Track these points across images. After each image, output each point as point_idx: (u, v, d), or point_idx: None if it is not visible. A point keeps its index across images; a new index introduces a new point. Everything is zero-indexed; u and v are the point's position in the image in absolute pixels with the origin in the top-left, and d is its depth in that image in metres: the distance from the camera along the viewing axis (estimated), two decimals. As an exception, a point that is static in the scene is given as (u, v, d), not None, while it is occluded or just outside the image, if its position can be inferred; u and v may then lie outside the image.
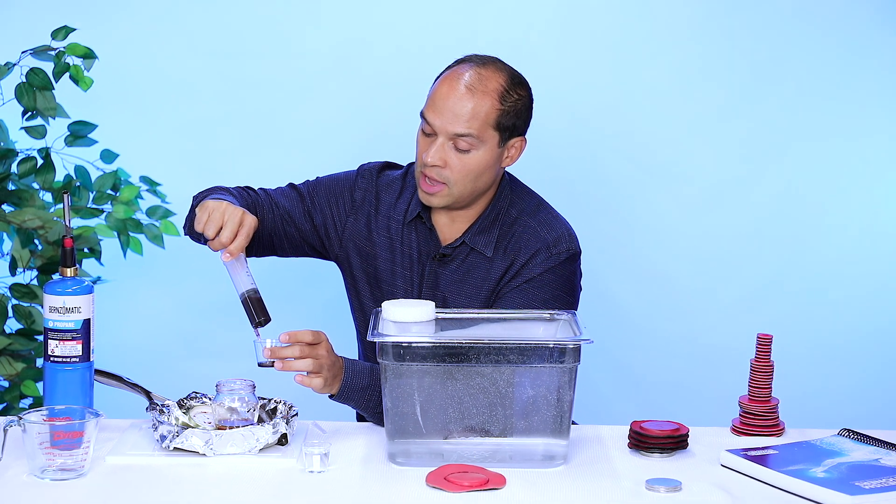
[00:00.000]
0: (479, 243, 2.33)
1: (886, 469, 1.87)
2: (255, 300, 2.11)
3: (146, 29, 3.35)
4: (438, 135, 2.26)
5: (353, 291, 2.45)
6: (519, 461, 1.90)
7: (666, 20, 3.38)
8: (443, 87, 2.27)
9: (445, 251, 2.35)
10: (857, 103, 3.40)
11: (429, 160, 2.26)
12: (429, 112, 2.28)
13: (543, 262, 2.30)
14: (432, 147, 2.26)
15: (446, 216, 2.37)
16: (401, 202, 2.41)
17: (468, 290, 2.34)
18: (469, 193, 2.31)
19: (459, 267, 2.35)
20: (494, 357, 1.88)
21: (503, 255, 2.33)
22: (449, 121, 2.24)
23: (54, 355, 1.95)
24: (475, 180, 2.29)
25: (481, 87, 2.25)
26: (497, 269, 2.33)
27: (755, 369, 2.11)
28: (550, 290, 2.30)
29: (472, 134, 2.24)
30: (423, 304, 2.04)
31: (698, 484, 1.86)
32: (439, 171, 2.27)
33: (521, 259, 2.31)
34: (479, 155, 2.27)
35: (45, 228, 2.93)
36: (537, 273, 2.30)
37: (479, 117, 2.24)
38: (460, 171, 2.27)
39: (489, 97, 2.25)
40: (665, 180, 3.43)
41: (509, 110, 2.28)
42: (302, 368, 2.06)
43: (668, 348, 3.47)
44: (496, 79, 2.27)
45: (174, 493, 1.80)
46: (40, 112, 2.93)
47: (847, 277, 3.45)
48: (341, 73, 3.38)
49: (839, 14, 3.37)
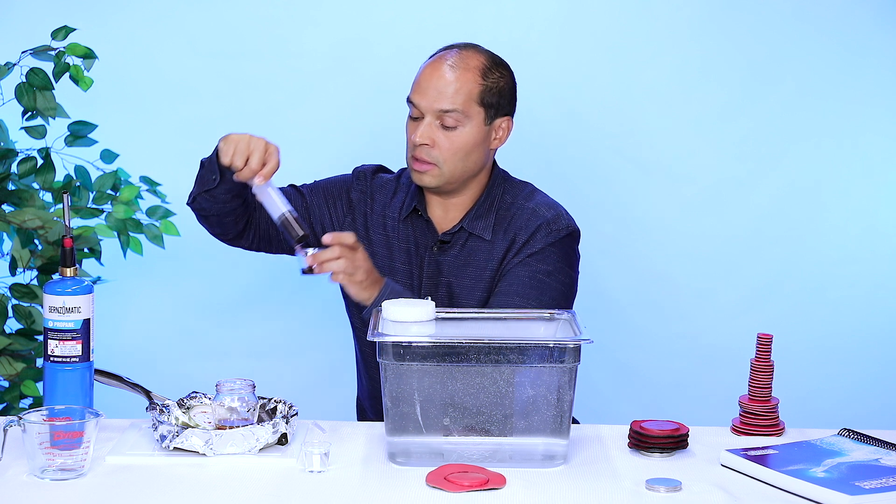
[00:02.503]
0: (477, 228, 2.40)
1: (886, 469, 1.87)
2: (293, 219, 2.21)
3: (146, 29, 3.35)
4: (425, 115, 2.35)
5: None
6: (519, 461, 1.90)
7: (666, 20, 3.38)
8: (426, 69, 2.38)
9: (444, 238, 2.40)
10: (856, 103, 3.40)
11: (417, 139, 2.34)
12: (414, 95, 2.37)
13: (544, 238, 2.37)
14: (420, 127, 2.35)
15: (440, 207, 2.43)
16: (395, 201, 2.46)
17: (471, 273, 2.39)
18: (460, 173, 2.37)
19: (460, 252, 2.40)
20: (494, 357, 1.88)
21: (503, 235, 2.39)
22: (434, 98, 2.33)
23: (54, 355, 1.95)
24: (465, 159, 2.36)
25: (463, 64, 2.35)
26: (498, 249, 2.38)
27: (755, 369, 2.11)
28: (553, 262, 2.36)
29: (458, 109, 2.33)
30: (423, 303, 2.04)
31: (698, 484, 1.86)
32: (428, 151, 2.35)
33: (522, 236, 2.38)
34: (465, 132, 2.34)
35: (45, 228, 2.93)
36: (539, 248, 2.37)
37: (462, 92, 2.33)
38: (449, 150, 2.34)
39: (471, 73, 2.35)
40: (665, 180, 3.43)
41: (492, 87, 2.36)
42: (337, 269, 2.18)
43: (668, 348, 3.47)
44: (477, 58, 2.38)
45: (174, 493, 1.80)
46: (40, 112, 2.93)
47: (846, 277, 3.45)
48: (341, 74, 3.38)
49: (839, 14, 3.37)
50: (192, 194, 2.38)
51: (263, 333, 3.47)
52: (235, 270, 3.42)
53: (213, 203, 2.35)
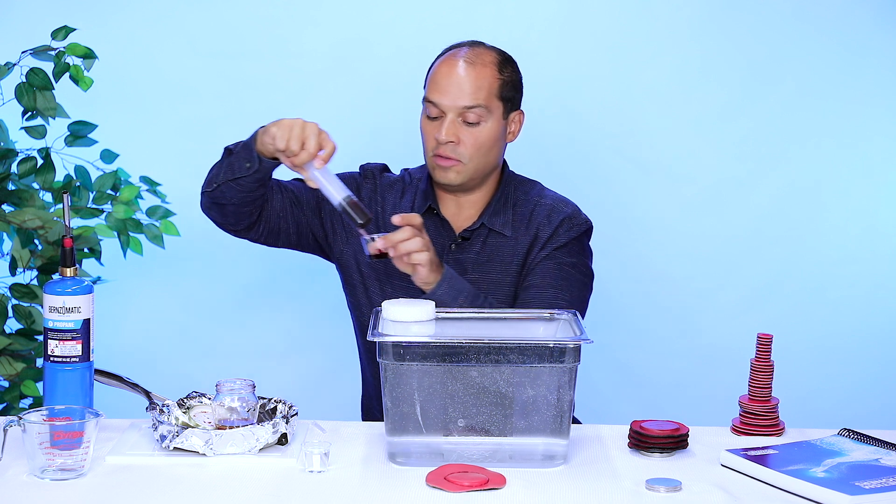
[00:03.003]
0: (496, 224, 2.42)
1: (886, 469, 1.87)
2: (354, 204, 2.17)
3: (146, 29, 3.35)
4: (447, 113, 2.35)
5: (360, 288, 2.44)
6: (519, 461, 1.90)
7: (666, 20, 3.38)
8: (442, 68, 2.37)
9: (465, 234, 2.42)
10: (856, 103, 3.40)
11: (442, 138, 2.34)
12: (433, 94, 2.36)
13: (567, 232, 2.41)
14: (443, 126, 2.35)
15: (454, 204, 2.44)
16: (405, 201, 2.45)
17: (497, 269, 2.40)
18: (482, 169, 2.39)
19: (482, 250, 2.41)
20: (494, 357, 1.88)
21: (525, 231, 2.42)
22: (456, 96, 2.34)
23: (54, 355, 1.95)
24: (486, 154, 2.38)
25: (479, 61, 2.37)
26: (521, 245, 2.41)
27: (755, 369, 2.11)
28: (577, 255, 2.41)
29: (481, 104, 2.35)
30: (423, 303, 2.04)
31: (698, 484, 1.86)
32: (453, 148, 2.36)
33: (545, 231, 2.41)
34: (488, 127, 2.36)
35: (45, 228, 2.93)
36: (563, 242, 2.40)
37: (483, 88, 2.35)
38: (473, 145, 2.36)
39: (489, 68, 2.37)
40: (665, 180, 3.43)
41: (507, 81, 2.39)
42: (413, 249, 2.18)
43: (668, 348, 3.47)
44: (489, 54, 2.39)
45: (174, 493, 1.80)
46: (40, 112, 2.93)
47: (846, 277, 3.45)
48: (341, 74, 3.38)
49: (839, 14, 3.37)
50: (217, 182, 2.32)
51: (263, 333, 3.46)
52: (235, 270, 3.42)
53: (237, 191, 2.31)
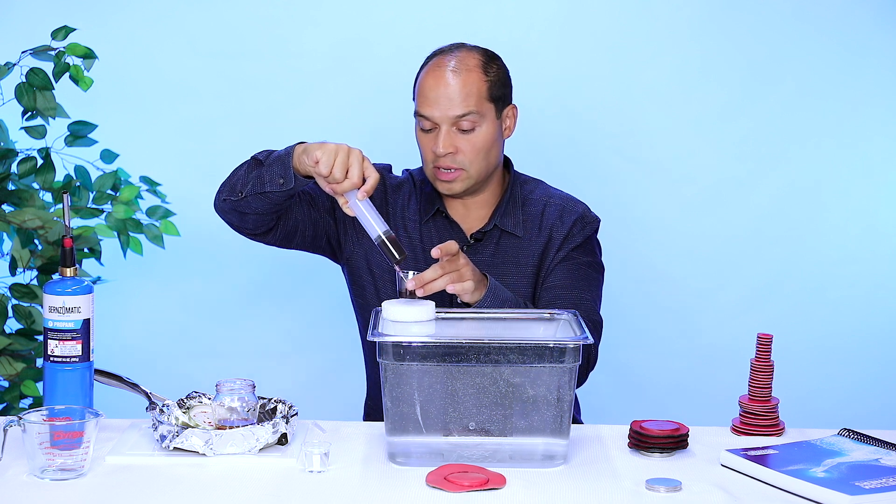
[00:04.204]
0: (508, 225, 2.42)
1: (886, 469, 1.87)
2: (392, 240, 2.14)
3: (146, 29, 3.35)
4: (440, 125, 2.33)
5: (371, 289, 2.43)
6: (519, 461, 1.90)
7: (666, 20, 3.39)
8: (428, 80, 2.35)
9: (477, 236, 2.41)
10: (856, 103, 3.40)
11: (440, 150, 2.33)
12: (424, 108, 2.34)
13: (581, 232, 2.42)
14: (438, 138, 2.33)
15: (462, 206, 2.44)
16: (412, 203, 2.45)
17: (513, 270, 2.40)
18: (484, 172, 2.38)
19: (496, 252, 2.41)
20: (494, 357, 1.87)
21: (538, 232, 2.42)
22: (446, 107, 2.32)
23: (54, 355, 1.94)
24: (486, 157, 2.37)
25: (464, 66, 2.34)
26: (536, 245, 2.41)
27: (755, 369, 2.11)
28: (592, 253, 2.44)
29: (472, 110, 2.33)
30: (424, 303, 2.04)
31: (698, 484, 1.86)
32: (453, 158, 2.34)
33: (559, 232, 2.42)
34: (483, 130, 2.35)
35: (45, 228, 2.93)
36: (579, 242, 2.42)
37: (472, 94, 2.33)
38: (472, 151, 2.35)
39: (474, 73, 2.34)
40: (665, 180, 3.43)
41: (495, 80, 2.37)
42: (442, 286, 2.15)
43: (668, 348, 3.47)
44: (473, 56, 2.37)
45: (174, 493, 1.80)
46: (40, 112, 2.93)
47: (846, 277, 3.45)
48: (341, 74, 3.38)
49: (839, 14, 3.37)
50: (243, 192, 2.27)
51: (263, 333, 3.46)
52: (235, 271, 3.42)
53: (264, 203, 2.27)
